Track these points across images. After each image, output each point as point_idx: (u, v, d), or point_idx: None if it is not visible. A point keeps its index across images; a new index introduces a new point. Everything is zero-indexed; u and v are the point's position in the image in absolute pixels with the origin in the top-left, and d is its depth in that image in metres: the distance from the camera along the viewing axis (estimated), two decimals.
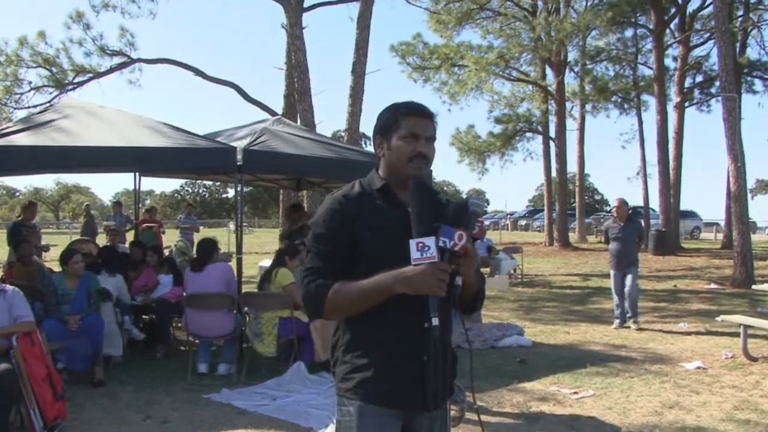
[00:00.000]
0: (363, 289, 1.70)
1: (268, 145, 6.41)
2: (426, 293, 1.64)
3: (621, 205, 8.13)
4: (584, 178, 29.84)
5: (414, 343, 1.72)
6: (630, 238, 8.00)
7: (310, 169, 6.95)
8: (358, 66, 12.97)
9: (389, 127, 1.85)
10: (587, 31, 21.91)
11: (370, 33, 13.20)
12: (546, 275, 15.14)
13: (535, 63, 24.90)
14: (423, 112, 1.86)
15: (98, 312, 5.56)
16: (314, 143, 7.09)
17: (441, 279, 1.62)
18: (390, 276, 1.66)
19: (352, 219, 1.79)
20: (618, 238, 8.04)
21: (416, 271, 1.63)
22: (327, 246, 1.79)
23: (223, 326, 5.74)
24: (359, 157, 7.02)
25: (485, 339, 6.98)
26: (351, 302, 1.73)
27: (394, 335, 1.75)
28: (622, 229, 8.02)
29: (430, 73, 23.69)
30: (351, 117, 12.93)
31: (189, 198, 59.53)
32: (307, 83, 12.64)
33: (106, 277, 6.15)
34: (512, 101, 25.56)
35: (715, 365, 6.13)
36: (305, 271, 1.82)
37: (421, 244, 1.63)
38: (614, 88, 24.07)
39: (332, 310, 1.76)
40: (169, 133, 6.08)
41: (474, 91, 24.00)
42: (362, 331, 1.79)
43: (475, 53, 22.01)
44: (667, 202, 20.78)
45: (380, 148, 1.89)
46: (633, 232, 8.02)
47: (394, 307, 1.70)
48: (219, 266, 5.97)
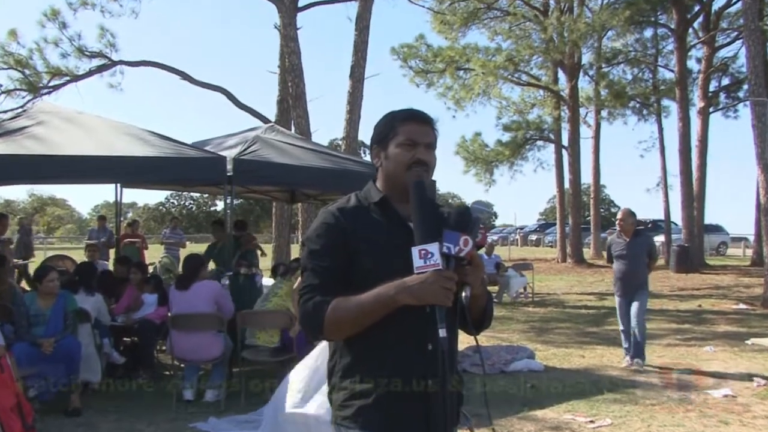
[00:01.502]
0: (363, 302, 1.70)
1: (260, 154, 6.44)
2: (431, 302, 1.64)
3: (626, 216, 7.26)
4: (600, 190, 29.93)
5: (418, 364, 1.73)
6: (637, 257, 7.16)
7: (305, 181, 6.98)
8: (357, 69, 13.06)
9: (386, 135, 1.87)
10: (603, 32, 22.02)
11: (369, 34, 13.32)
12: (559, 294, 15.11)
13: (547, 66, 25.08)
14: (421, 117, 1.88)
15: (75, 334, 5.54)
16: (309, 152, 7.12)
17: (447, 287, 1.62)
18: (392, 286, 1.66)
19: (347, 234, 1.80)
20: (623, 257, 7.20)
21: (420, 279, 1.63)
22: (323, 261, 1.80)
23: (210, 349, 5.73)
24: (358, 167, 7.05)
25: (493, 363, 6.95)
26: (351, 318, 1.72)
27: (396, 356, 1.75)
28: (628, 246, 7.16)
29: (434, 78, 23.89)
30: (349, 124, 13.00)
31: (175, 211, 59.60)
32: (302, 88, 12.73)
33: (84, 296, 6.14)
34: (522, 107, 25.74)
35: (745, 393, 6.08)
36: (302, 290, 1.82)
37: (424, 251, 1.64)
38: (632, 93, 24.13)
39: (332, 328, 1.75)
40: (153, 142, 6.12)
41: (481, 97, 24.22)
42: (361, 353, 1.79)
43: (482, 56, 22.19)
44: (690, 216, 20.78)
45: (377, 158, 1.90)
46: (641, 250, 7.19)
47: (397, 324, 1.71)
48: (206, 284, 5.97)
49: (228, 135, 7.92)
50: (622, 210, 7.48)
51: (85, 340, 5.71)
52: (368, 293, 1.69)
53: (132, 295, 7.00)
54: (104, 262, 10.16)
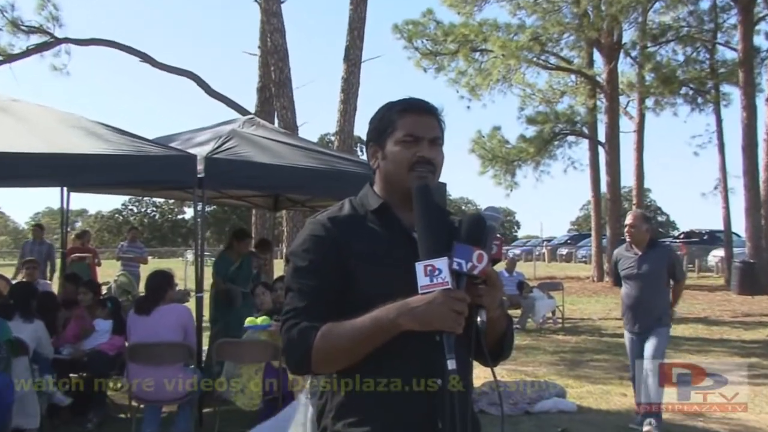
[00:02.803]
0: (359, 327, 1.70)
1: (236, 152, 6.46)
2: (438, 328, 1.64)
3: (637, 221, 6.45)
4: (643, 194, 29.94)
5: (424, 402, 1.73)
6: (653, 277, 6.30)
7: (290, 184, 6.99)
8: (353, 52, 13.10)
9: (383, 130, 1.89)
10: (649, 4, 22.03)
11: (367, 9, 13.37)
12: (594, 320, 15.08)
13: (580, 46, 25.17)
14: (423, 107, 1.89)
15: (8, 370, 5.50)
16: (296, 150, 7.15)
17: (457, 310, 1.61)
18: (392, 309, 1.67)
19: (340, 248, 1.81)
20: (634, 277, 6.37)
21: (425, 301, 1.63)
22: (310, 280, 1.81)
23: (176, 387, 5.70)
24: (353, 167, 7.07)
25: (516, 402, 6.95)
26: (345, 346, 1.72)
27: (398, 393, 1.76)
28: (641, 262, 6.33)
29: (444, 61, 23.99)
30: (343, 117, 13.03)
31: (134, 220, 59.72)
32: (287, 73, 12.76)
33: (20, 324, 6.07)
34: (550, 96, 25.81)
35: None
36: (285, 315, 1.83)
37: (430, 266, 1.64)
38: (684, 77, 23.99)
39: (322, 360, 1.75)
40: (107, 136, 6.12)
41: (500, 84, 24.31)
42: (356, 389, 1.80)
43: (502, 34, 22.29)
44: (756, 225, 20.60)
45: (374, 158, 1.92)
46: (659, 267, 6.34)
47: (397, 353, 1.71)
48: (173, 308, 5.97)
49: (198, 129, 7.95)
50: (633, 213, 6.77)
51: (21, 377, 5.67)
52: (365, 317, 1.69)
53: (81, 320, 6.98)
54: (46, 281, 10.16)
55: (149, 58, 15.71)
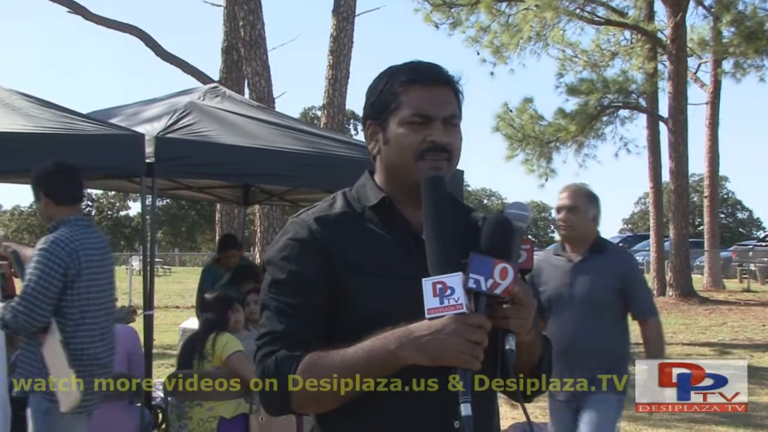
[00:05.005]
0: (351, 360, 1.69)
1: (195, 130, 6.46)
2: (448, 363, 1.63)
3: (577, 201, 4.87)
4: (718, 185, 29.92)
5: None
6: (597, 299, 4.73)
7: (264, 171, 6.98)
8: (344, 2, 13.11)
9: (384, 106, 1.88)
10: None
11: None
12: None
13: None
14: (435, 76, 1.88)
15: None
16: (272, 128, 7.15)
17: (474, 341, 1.61)
18: (392, 338, 1.67)
19: (329, 254, 1.81)
20: (562, 300, 4.82)
21: (433, 329, 1.63)
22: (290, 297, 1.81)
23: (120, 428, 5.73)
24: (347, 151, 7.07)
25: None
26: (333, 384, 1.72)
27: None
28: (575, 273, 4.81)
29: (462, 14, 23.92)
30: (332, 86, 13.04)
31: None
32: (260, 30, 12.75)
33: None
34: (597, 59, 25.77)
35: None
36: (260, 339, 1.83)
37: (441, 285, 1.63)
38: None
39: (304, 398, 1.75)
40: (28, 110, 6.11)
41: (533, 43, 24.21)
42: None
43: None
44: None
45: (374, 140, 1.92)
46: (606, 283, 4.77)
47: (404, 392, 1.72)
48: (115, 330, 5.98)
49: (147, 101, 7.94)
50: (569, 187, 5.03)
51: None
52: (358, 346, 1.70)
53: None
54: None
55: (81, 9, 15.67)
